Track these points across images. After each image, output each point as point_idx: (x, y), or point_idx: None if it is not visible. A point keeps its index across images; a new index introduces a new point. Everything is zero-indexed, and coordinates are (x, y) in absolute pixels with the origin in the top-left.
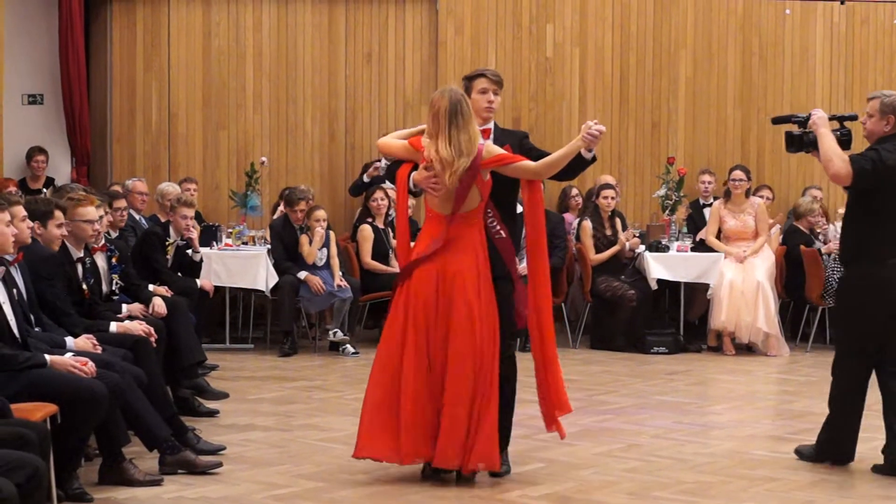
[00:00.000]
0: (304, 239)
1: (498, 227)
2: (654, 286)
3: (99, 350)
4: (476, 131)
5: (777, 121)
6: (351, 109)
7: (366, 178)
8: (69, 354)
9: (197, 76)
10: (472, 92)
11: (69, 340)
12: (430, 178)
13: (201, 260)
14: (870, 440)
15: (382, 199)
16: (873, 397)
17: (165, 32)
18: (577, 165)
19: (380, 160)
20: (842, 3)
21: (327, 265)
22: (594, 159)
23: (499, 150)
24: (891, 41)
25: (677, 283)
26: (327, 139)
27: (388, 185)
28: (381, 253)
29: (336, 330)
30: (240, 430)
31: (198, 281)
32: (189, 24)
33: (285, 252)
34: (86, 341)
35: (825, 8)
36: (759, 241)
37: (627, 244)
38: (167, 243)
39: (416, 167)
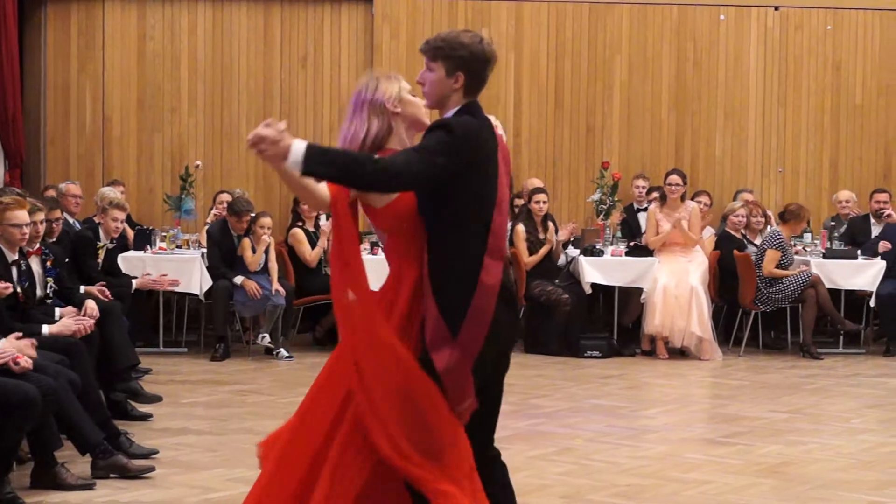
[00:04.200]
0: (245, 243)
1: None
2: (588, 290)
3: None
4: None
5: None
6: (286, 113)
7: None
8: None
9: (131, 79)
10: None
11: None
12: None
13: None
14: (798, 444)
15: None
16: (813, 400)
17: (100, 35)
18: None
19: None
20: (776, 9)
21: (264, 270)
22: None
23: None
24: (824, 47)
25: (611, 288)
26: None
27: None
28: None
29: (265, 335)
30: (173, 434)
31: (133, 281)
32: (124, 27)
33: (221, 257)
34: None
35: (759, 14)
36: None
37: (561, 233)
38: (98, 246)
39: None
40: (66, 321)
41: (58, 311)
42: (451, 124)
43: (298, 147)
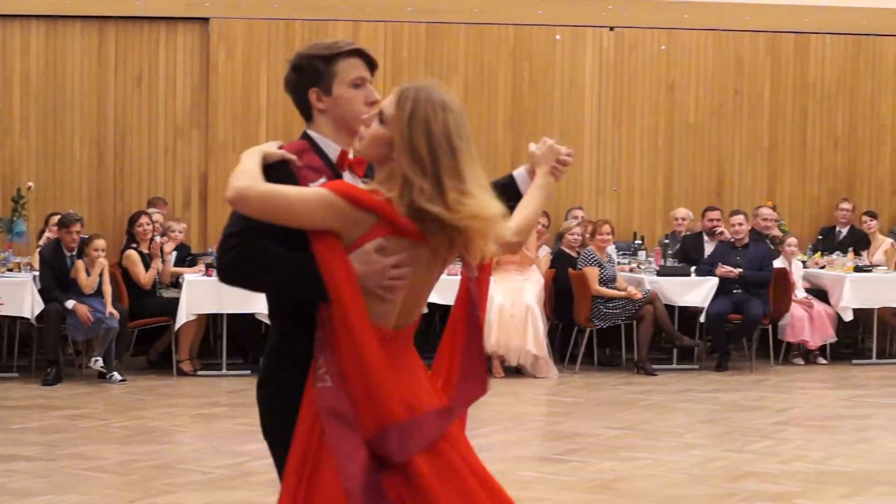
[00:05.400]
0: (79, 265)
1: None
2: (424, 310)
3: None
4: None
5: None
6: (120, 133)
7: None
8: None
9: None
10: (337, 84)
11: None
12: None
13: None
14: (631, 459)
15: (148, 225)
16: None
17: None
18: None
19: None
20: (611, 29)
21: (98, 292)
22: None
23: None
24: (658, 67)
25: (447, 307)
26: (96, 163)
27: (152, 209)
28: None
29: (98, 359)
30: (2, 461)
31: None
32: None
33: (55, 279)
34: None
35: (595, 34)
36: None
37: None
38: None
39: None
40: None
41: None
42: None
43: None
